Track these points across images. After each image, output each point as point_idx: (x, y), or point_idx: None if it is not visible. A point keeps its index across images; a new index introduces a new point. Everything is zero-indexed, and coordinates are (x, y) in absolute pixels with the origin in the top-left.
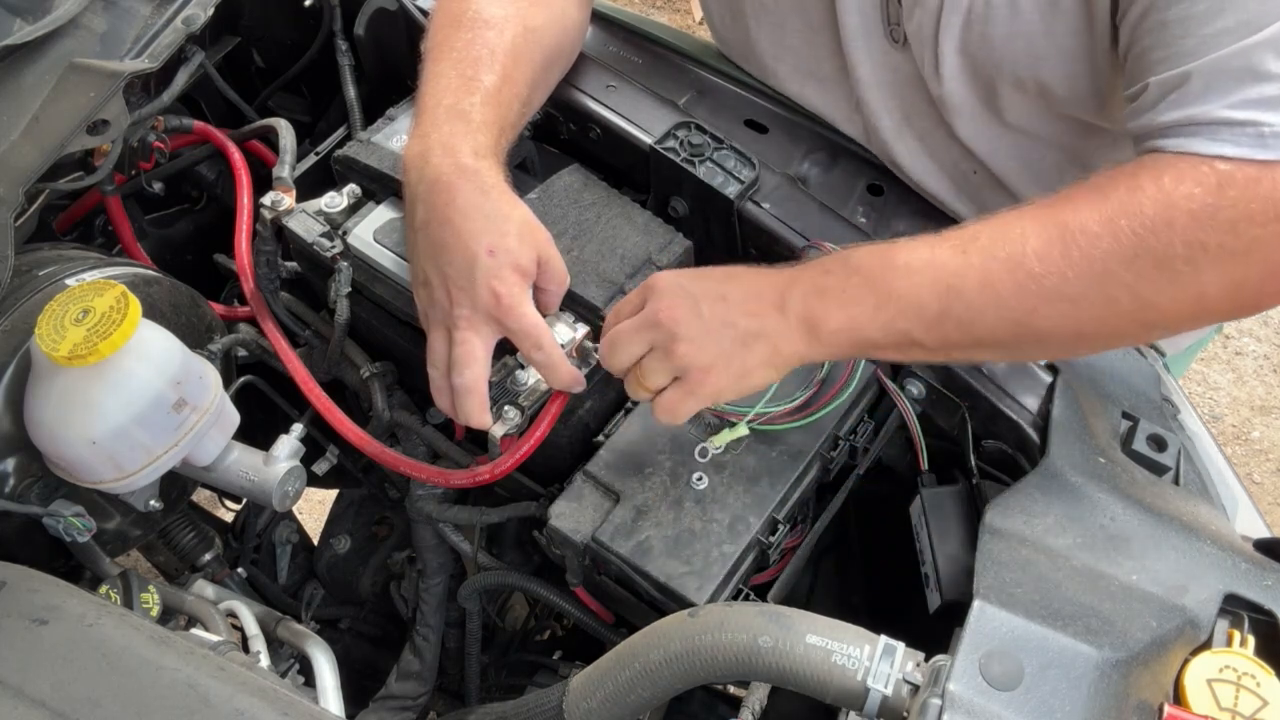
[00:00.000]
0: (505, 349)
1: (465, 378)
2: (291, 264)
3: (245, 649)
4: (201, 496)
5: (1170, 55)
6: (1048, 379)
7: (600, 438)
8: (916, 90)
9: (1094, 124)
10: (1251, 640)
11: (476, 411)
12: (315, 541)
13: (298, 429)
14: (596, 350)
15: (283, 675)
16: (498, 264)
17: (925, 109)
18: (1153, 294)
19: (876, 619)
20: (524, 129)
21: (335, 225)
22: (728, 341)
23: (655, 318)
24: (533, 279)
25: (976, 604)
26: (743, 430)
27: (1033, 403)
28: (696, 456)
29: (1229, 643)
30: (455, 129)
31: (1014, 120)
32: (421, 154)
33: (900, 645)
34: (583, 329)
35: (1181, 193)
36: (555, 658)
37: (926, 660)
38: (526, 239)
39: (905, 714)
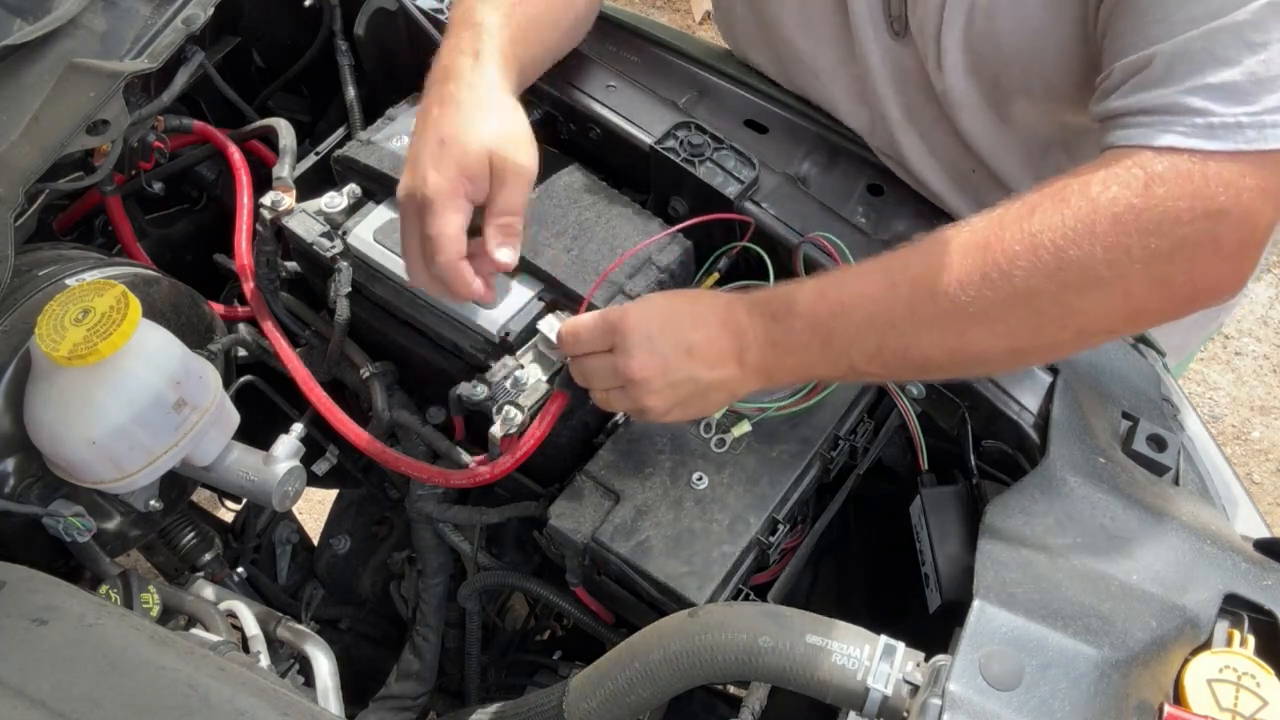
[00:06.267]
0: (507, 348)
1: (439, 263)
2: (291, 264)
3: (245, 649)
4: (201, 496)
5: (1138, 40)
6: (1048, 379)
7: (600, 438)
8: (918, 85)
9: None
10: (1251, 640)
11: (465, 284)
12: (315, 541)
13: (298, 429)
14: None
15: (283, 675)
16: (444, 153)
17: (926, 104)
18: (1077, 301)
19: (876, 619)
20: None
21: (335, 225)
22: (688, 391)
23: (628, 375)
24: (477, 184)
25: (976, 604)
26: (746, 427)
27: (1033, 403)
28: (701, 431)
29: (1229, 643)
30: (464, 35)
31: (1016, 118)
32: (436, 59)
33: (900, 645)
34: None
35: (1106, 197)
36: (555, 658)
37: (926, 660)
38: (488, 140)
39: (905, 714)
